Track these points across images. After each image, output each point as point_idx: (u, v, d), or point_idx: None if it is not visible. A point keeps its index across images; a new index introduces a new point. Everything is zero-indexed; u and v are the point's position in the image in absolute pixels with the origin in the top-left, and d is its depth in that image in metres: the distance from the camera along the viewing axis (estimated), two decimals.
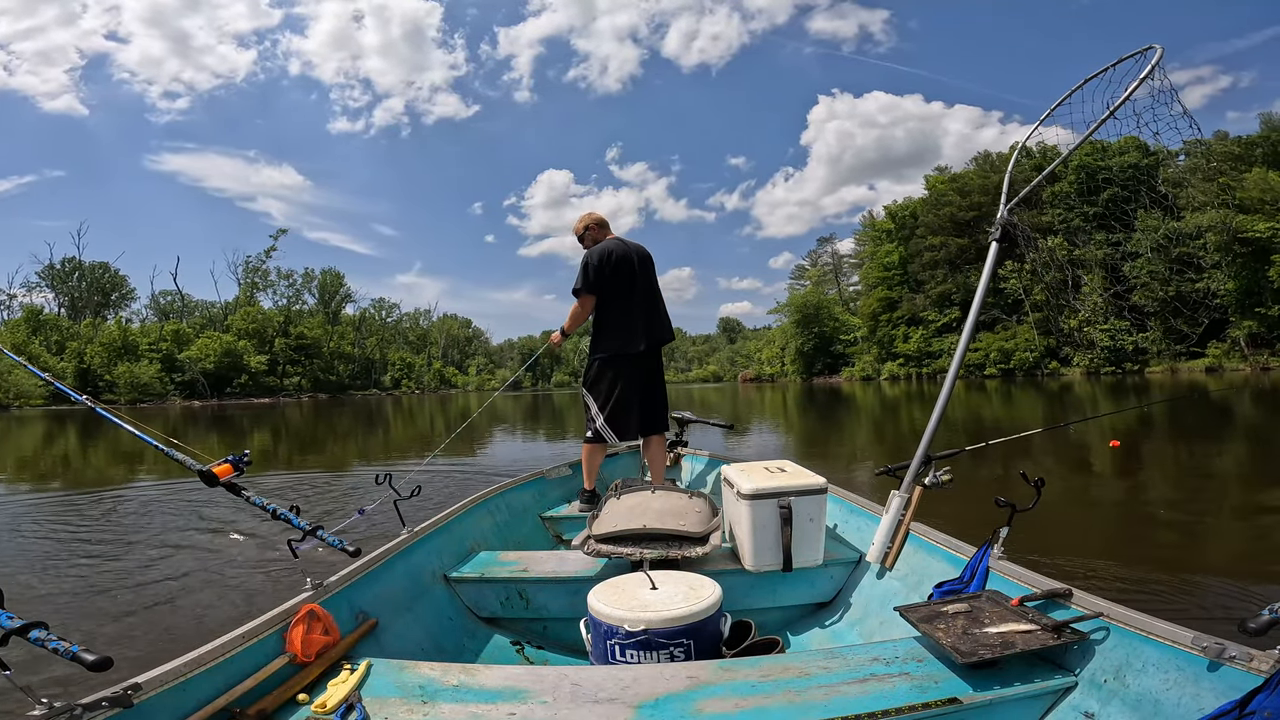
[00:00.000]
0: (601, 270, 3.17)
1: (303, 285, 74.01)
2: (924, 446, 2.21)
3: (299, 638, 1.45)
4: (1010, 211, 2.34)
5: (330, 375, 66.67)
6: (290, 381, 62.32)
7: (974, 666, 1.37)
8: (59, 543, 4.50)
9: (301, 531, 1.71)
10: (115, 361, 51.27)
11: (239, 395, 55.90)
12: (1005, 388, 28.48)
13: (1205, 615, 2.77)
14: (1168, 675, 1.24)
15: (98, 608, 3.18)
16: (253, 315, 63.35)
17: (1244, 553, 3.84)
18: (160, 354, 54.43)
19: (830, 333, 61.10)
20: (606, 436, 3.21)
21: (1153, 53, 2.07)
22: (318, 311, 73.03)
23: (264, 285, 70.22)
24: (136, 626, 2.94)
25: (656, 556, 2.14)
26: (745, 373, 78.64)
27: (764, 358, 73.93)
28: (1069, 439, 8.68)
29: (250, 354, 58.77)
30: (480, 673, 1.46)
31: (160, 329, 58.72)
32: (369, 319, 79.97)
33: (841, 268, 75.07)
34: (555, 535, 3.21)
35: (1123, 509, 5.21)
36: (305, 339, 64.48)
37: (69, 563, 3.99)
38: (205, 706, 1.22)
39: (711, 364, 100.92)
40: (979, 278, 2.31)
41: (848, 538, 2.52)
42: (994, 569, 1.75)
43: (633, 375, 3.23)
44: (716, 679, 1.40)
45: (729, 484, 2.32)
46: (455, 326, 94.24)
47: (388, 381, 74.75)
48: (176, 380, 53.96)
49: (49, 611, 3.11)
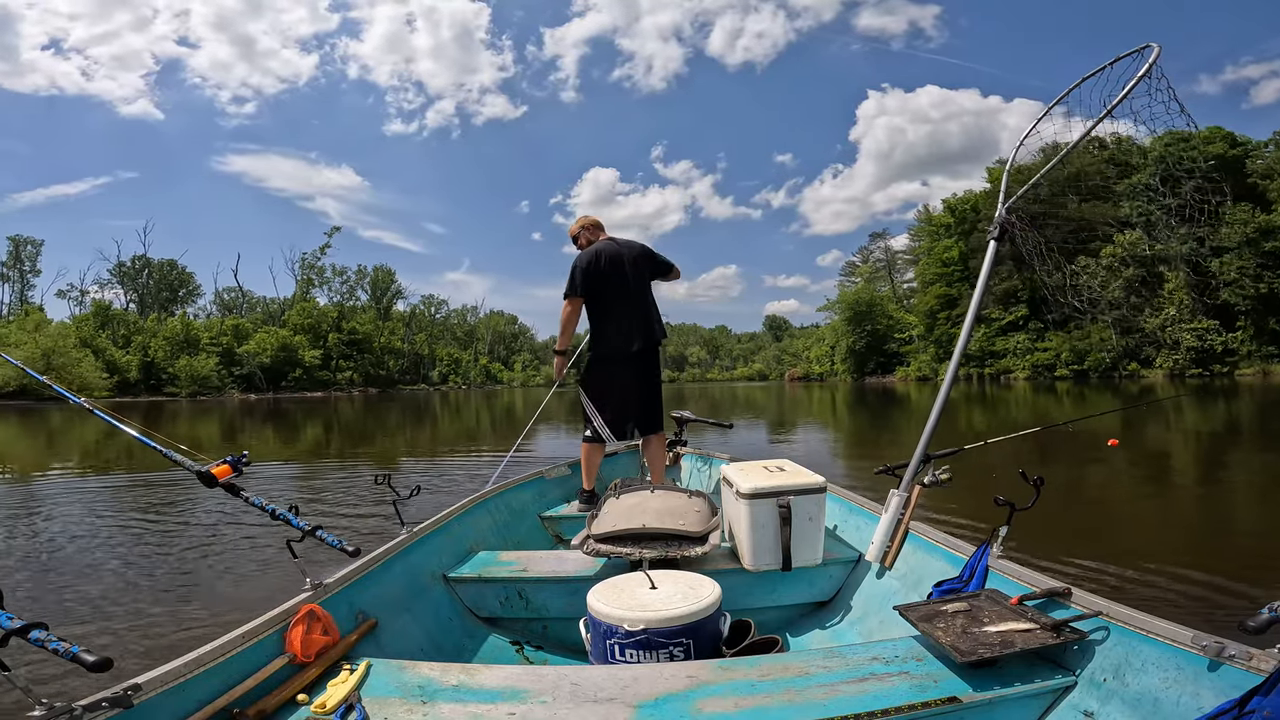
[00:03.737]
0: (589, 272, 3.19)
1: (356, 282, 76.48)
2: (923, 445, 2.21)
3: (298, 638, 1.45)
4: (1009, 210, 2.34)
5: (380, 370, 68.36)
6: (342, 376, 64.05)
7: (973, 666, 1.37)
8: (52, 538, 4.50)
9: (300, 532, 1.71)
10: (177, 355, 53.32)
11: (293, 389, 57.59)
12: (1078, 390, 27.43)
13: (1205, 614, 2.77)
14: (1167, 674, 1.24)
15: (97, 606, 3.18)
16: (308, 311, 65.59)
17: (1245, 552, 3.85)
18: (220, 348, 56.30)
19: (883, 331, 58.86)
20: (604, 436, 3.22)
21: (1150, 51, 2.07)
22: (370, 307, 74.95)
23: (319, 282, 73.51)
24: (136, 626, 2.94)
25: (656, 556, 2.14)
26: (792, 371, 77.69)
27: (812, 356, 72.56)
28: (1072, 438, 8.68)
29: (305, 348, 60.81)
30: (480, 673, 1.46)
31: (221, 323, 60.87)
32: (419, 315, 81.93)
33: (895, 264, 71.28)
34: (555, 535, 3.21)
35: (1123, 509, 5.21)
36: (357, 334, 66.57)
37: (67, 560, 3.99)
38: (205, 707, 1.21)
39: (757, 362, 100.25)
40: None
41: (847, 537, 2.52)
42: (993, 568, 1.75)
43: (628, 375, 3.24)
44: (716, 679, 1.40)
45: (728, 483, 2.32)
46: (501, 323, 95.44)
47: (435, 377, 76.23)
48: (235, 374, 55.87)
49: (39, 607, 3.11)
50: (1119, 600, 1.43)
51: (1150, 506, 5.20)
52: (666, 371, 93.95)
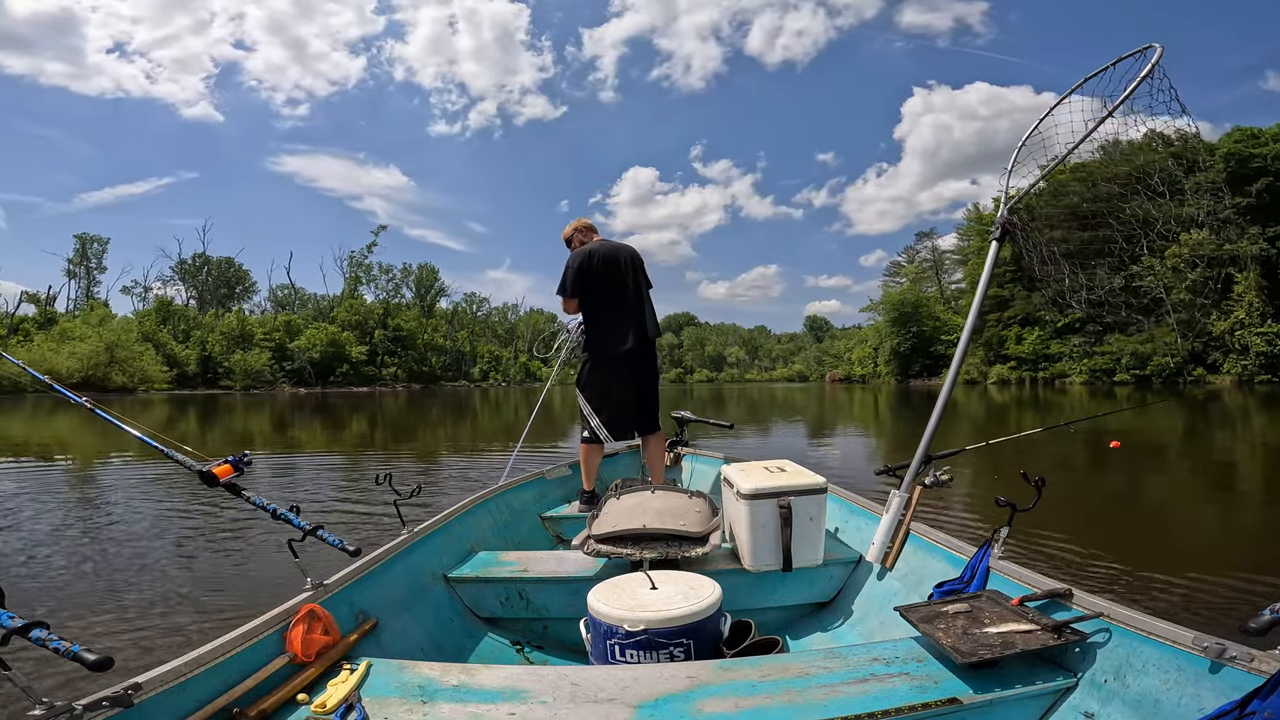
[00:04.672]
0: (581, 272, 3.21)
1: (401, 279, 78.24)
2: (924, 445, 2.21)
3: (299, 638, 1.45)
4: (1010, 211, 2.34)
5: (423, 366, 69.87)
6: (387, 371, 65.61)
7: (974, 667, 1.37)
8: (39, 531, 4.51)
9: (301, 531, 1.71)
10: (233, 350, 55.59)
11: (340, 384, 59.46)
12: (1139, 396, 26.57)
13: (1206, 615, 2.77)
14: (1168, 675, 1.24)
15: (95, 606, 3.19)
16: (355, 308, 67.48)
17: (1245, 552, 3.84)
18: (273, 343, 58.23)
19: (929, 332, 56.78)
20: (601, 436, 3.22)
21: (1152, 51, 2.06)
22: (414, 305, 76.63)
23: (366, 279, 75.07)
24: (136, 625, 2.94)
25: (656, 556, 2.14)
26: (833, 373, 76.50)
27: (855, 358, 71.03)
28: (1074, 439, 8.67)
29: (352, 344, 62.68)
30: (480, 673, 1.46)
31: (274, 319, 63.10)
32: (461, 312, 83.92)
33: (943, 264, 69.49)
34: (555, 535, 3.21)
35: (1123, 508, 5.20)
36: (402, 331, 68.26)
37: (63, 555, 4.00)
38: (205, 706, 1.22)
39: (797, 363, 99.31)
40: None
41: (847, 538, 2.52)
42: (994, 569, 1.75)
43: (624, 374, 3.24)
44: (716, 679, 1.40)
45: (729, 484, 2.32)
46: (541, 321, 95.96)
47: (476, 373, 77.73)
48: (286, 368, 57.88)
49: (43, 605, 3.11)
50: (1120, 601, 1.43)
51: (1151, 506, 5.20)
52: (704, 371, 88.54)
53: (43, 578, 3.71)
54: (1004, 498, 1.80)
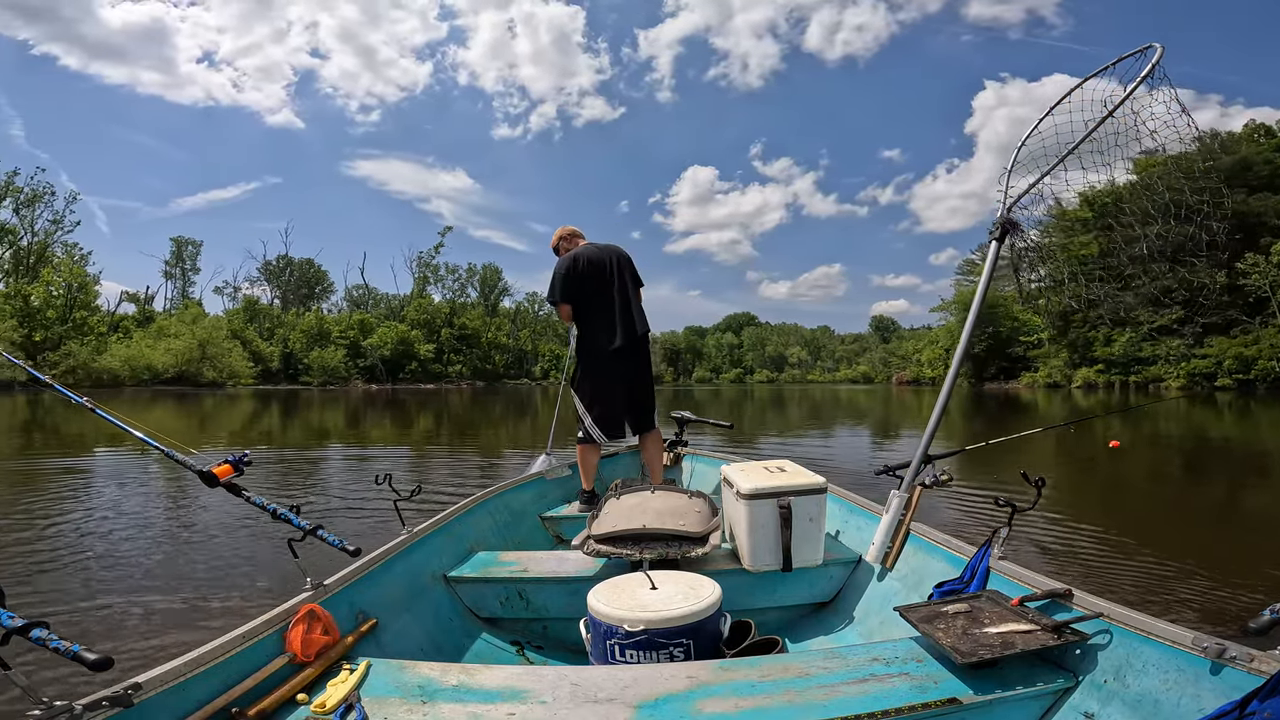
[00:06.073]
0: (568, 277, 3.22)
1: (466, 279, 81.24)
2: (923, 446, 2.21)
3: (298, 638, 1.45)
4: (1010, 211, 2.34)
5: (487, 364, 72.12)
6: (453, 369, 67.91)
7: (974, 667, 1.37)
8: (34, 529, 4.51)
9: (301, 531, 1.71)
10: (311, 347, 59.10)
11: (409, 380, 61.95)
12: (1243, 402, 24.61)
13: (1206, 615, 2.77)
14: (1168, 676, 1.24)
15: (95, 605, 3.19)
16: (423, 307, 70.08)
17: (1246, 553, 3.84)
18: (348, 341, 61.57)
19: (1007, 333, 53.24)
20: (595, 436, 3.23)
21: (1153, 51, 2.06)
22: (478, 304, 79.13)
23: (434, 279, 78.32)
24: (136, 625, 2.94)
25: (656, 556, 2.14)
26: (901, 374, 73.42)
27: (924, 359, 67.24)
28: (1074, 440, 8.66)
29: (420, 342, 65.26)
30: (480, 673, 1.46)
31: (349, 318, 66.56)
32: (523, 312, 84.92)
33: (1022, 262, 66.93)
34: (555, 535, 3.21)
35: (1124, 508, 5.20)
36: (467, 329, 70.90)
37: (63, 555, 3.99)
38: (205, 706, 1.22)
39: (862, 364, 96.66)
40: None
41: (847, 538, 2.52)
42: (994, 569, 1.75)
43: (615, 373, 3.25)
44: (716, 679, 1.40)
45: (729, 484, 2.32)
46: None
47: (538, 372, 78.81)
48: (359, 365, 60.80)
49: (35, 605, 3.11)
50: (1119, 602, 1.43)
51: (1151, 507, 5.20)
52: (764, 371, 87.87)
53: (43, 578, 3.71)
54: (1004, 498, 1.80)
